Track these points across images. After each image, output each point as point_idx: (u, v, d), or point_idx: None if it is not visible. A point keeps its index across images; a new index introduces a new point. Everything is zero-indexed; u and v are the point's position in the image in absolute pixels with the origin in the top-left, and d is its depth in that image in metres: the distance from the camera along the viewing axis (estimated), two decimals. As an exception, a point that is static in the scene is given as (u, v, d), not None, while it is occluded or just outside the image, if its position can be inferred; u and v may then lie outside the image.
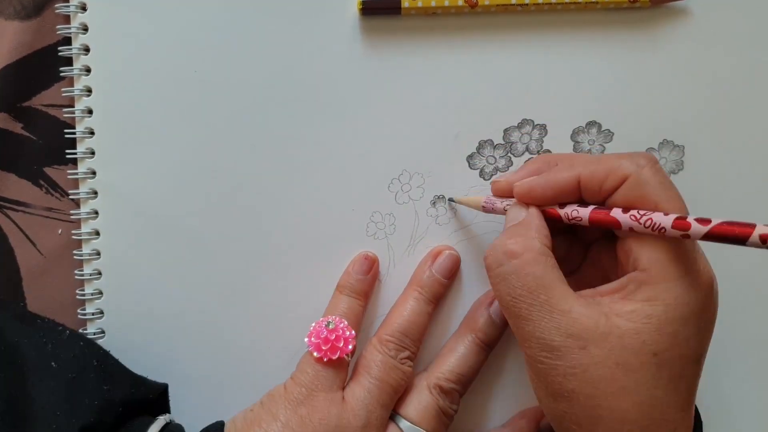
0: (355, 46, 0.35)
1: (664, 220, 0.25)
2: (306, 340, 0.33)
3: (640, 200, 0.27)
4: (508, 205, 0.31)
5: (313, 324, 0.33)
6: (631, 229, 0.27)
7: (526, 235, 0.28)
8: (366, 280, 0.35)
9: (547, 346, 0.27)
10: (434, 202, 0.36)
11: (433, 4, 0.34)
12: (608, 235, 0.31)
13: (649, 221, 0.26)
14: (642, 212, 0.26)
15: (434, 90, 0.36)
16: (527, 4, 0.34)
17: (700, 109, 0.36)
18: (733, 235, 0.23)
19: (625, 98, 0.36)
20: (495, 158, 0.36)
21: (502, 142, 0.36)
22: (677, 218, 0.25)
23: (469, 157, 0.36)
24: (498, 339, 0.35)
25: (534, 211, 0.30)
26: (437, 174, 0.36)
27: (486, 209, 0.33)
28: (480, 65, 0.35)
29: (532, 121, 0.36)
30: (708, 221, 0.24)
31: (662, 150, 0.36)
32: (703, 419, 0.32)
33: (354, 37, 0.35)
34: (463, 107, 0.36)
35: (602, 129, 0.36)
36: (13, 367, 0.30)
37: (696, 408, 0.29)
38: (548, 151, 0.36)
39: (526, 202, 0.30)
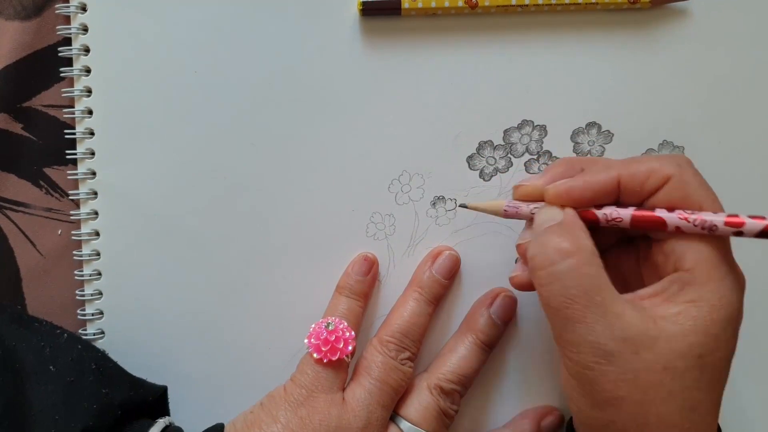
0: (356, 46, 0.35)
1: (715, 218, 0.25)
2: (306, 341, 0.33)
3: (683, 200, 0.27)
4: (536, 208, 0.30)
5: (313, 325, 0.33)
6: (677, 229, 0.26)
7: (577, 235, 0.27)
8: (365, 281, 0.35)
9: (599, 351, 0.26)
10: (434, 203, 0.36)
11: (433, 5, 0.34)
12: (626, 240, 0.31)
13: (699, 219, 0.25)
14: (689, 211, 0.26)
15: (434, 91, 0.36)
16: (527, 5, 0.34)
17: (700, 110, 0.36)
18: None
19: (625, 99, 0.36)
20: (495, 159, 0.36)
21: (502, 143, 0.36)
22: (729, 215, 0.25)
23: (469, 158, 0.36)
24: (498, 339, 0.35)
25: (573, 212, 0.29)
26: (437, 175, 0.36)
27: (508, 214, 0.31)
28: (480, 66, 0.35)
29: (532, 122, 0.36)
30: (763, 217, 0.24)
31: (662, 151, 0.36)
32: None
33: (354, 37, 0.35)
34: (463, 108, 0.36)
35: (602, 130, 0.36)
36: (11, 371, 0.30)
37: None
38: (548, 152, 0.36)
39: (563, 204, 0.29)
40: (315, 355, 0.32)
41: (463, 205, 0.34)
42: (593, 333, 0.26)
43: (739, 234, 0.24)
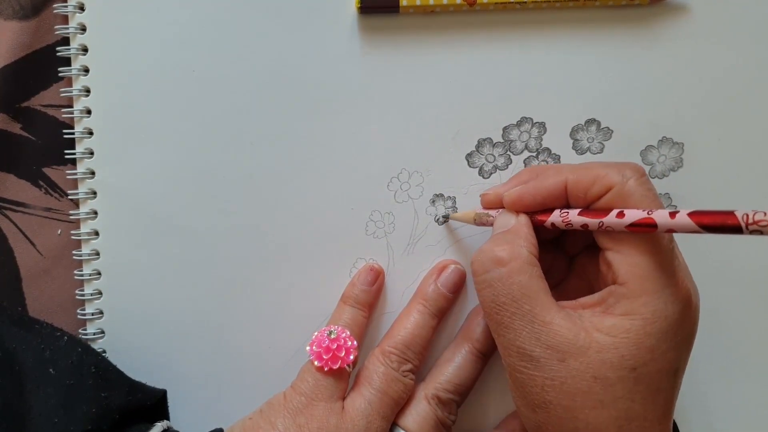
0: (354, 44, 0.35)
1: (635, 214, 0.26)
2: (307, 348, 0.33)
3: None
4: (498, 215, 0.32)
5: (316, 333, 0.33)
6: (601, 225, 0.27)
7: (514, 243, 0.28)
8: (370, 292, 0.35)
9: (526, 356, 0.27)
10: (433, 201, 0.36)
11: (431, 2, 0.34)
12: (593, 247, 0.31)
13: (620, 215, 0.26)
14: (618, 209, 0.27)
15: (433, 88, 0.35)
16: (525, 2, 0.34)
17: (699, 106, 0.35)
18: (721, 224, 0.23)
19: (625, 96, 0.35)
20: (494, 156, 0.36)
21: (501, 141, 0.36)
22: (646, 216, 0.25)
23: (468, 156, 0.36)
24: (495, 348, 0.35)
25: (523, 219, 0.30)
26: (436, 172, 0.36)
27: (477, 222, 0.34)
28: (479, 63, 0.35)
29: (531, 119, 0.36)
30: (676, 212, 0.24)
31: (661, 147, 0.36)
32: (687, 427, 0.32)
33: (352, 35, 0.35)
34: (462, 105, 0.36)
35: (601, 127, 0.36)
36: (11, 373, 0.30)
37: (674, 423, 0.29)
38: (548, 149, 0.36)
39: (516, 209, 0.31)
40: (316, 362, 0.32)
41: (446, 218, 0.36)
42: (520, 339, 0.27)
43: (668, 231, 0.25)
